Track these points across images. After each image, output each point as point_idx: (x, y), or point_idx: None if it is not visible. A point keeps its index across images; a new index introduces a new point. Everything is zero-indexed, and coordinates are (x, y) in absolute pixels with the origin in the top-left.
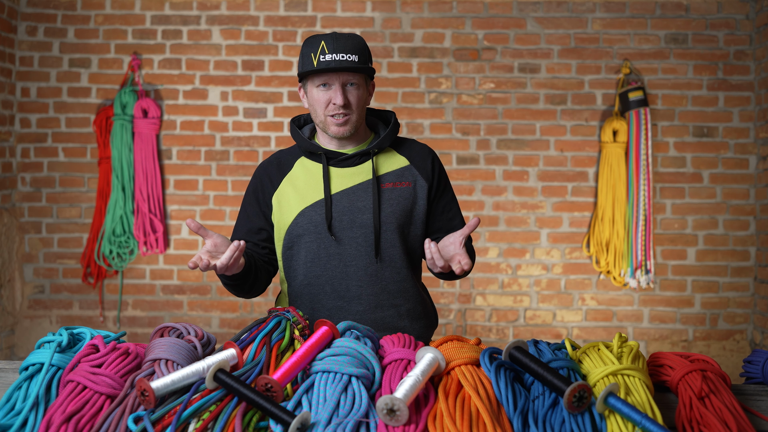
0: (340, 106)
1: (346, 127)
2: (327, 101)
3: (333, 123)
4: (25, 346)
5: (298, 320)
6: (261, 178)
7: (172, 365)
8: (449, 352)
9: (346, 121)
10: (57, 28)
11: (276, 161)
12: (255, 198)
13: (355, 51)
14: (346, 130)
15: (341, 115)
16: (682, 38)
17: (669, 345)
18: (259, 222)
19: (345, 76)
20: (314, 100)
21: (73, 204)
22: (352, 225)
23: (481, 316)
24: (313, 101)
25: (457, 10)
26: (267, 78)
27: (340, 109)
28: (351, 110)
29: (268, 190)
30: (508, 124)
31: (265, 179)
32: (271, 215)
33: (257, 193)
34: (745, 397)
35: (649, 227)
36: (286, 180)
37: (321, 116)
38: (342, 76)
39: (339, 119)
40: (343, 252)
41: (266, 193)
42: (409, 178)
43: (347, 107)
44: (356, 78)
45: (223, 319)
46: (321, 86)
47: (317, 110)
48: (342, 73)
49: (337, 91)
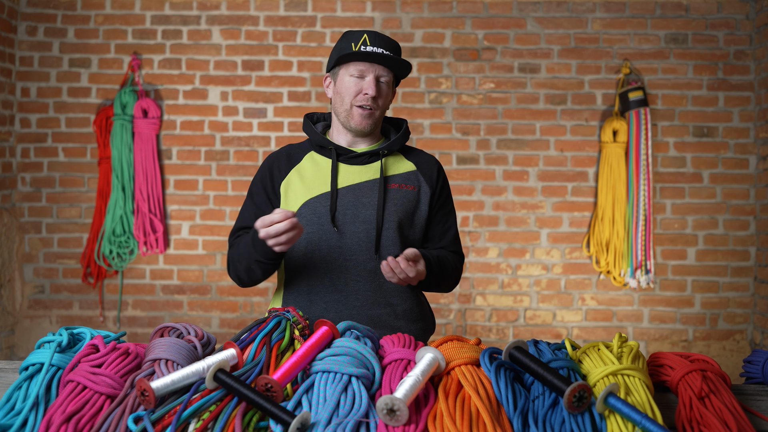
0: (372, 97)
1: (369, 120)
2: (358, 91)
3: (359, 113)
4: (25, 346)
5: (298, 320)
6: (270, 167)
7: (172, 365)
8: (449, 352)
9: (371, 114)
10: (57, 28)
11: (285, 152)
12: (263, 186)
13: (394, 50)
14: (369, 123)
15: (369, 107)
16: (682, 38)
17: (669, 345)
18: (266, 209)
19: (380, 70)
20: (345, 87)
21: (73, 204)
22: (355, 219)
23: (481, 316)
24: (343, 89)
25: (457, 10)
26: (267, 78)
27: (369, 101)
28: (378, 105)
29: (277, 178)
30: (508, 124)
31: (274, 168)
32: (279, 204)
33: (265, 182)
34: (745, 397)
35: (649, 227)
36: (294, 171)
37: (347, 104)
38: (378, 69)
39: (365, 111)
40: (343, 245)
41: (275, 181)
42: (414, 182)
43: (376, 100)
44: (388, 77)
45: (223, 319)
46: (355, 75)
47: (345, 98)
48: (378, 66)
49: (371, 82)
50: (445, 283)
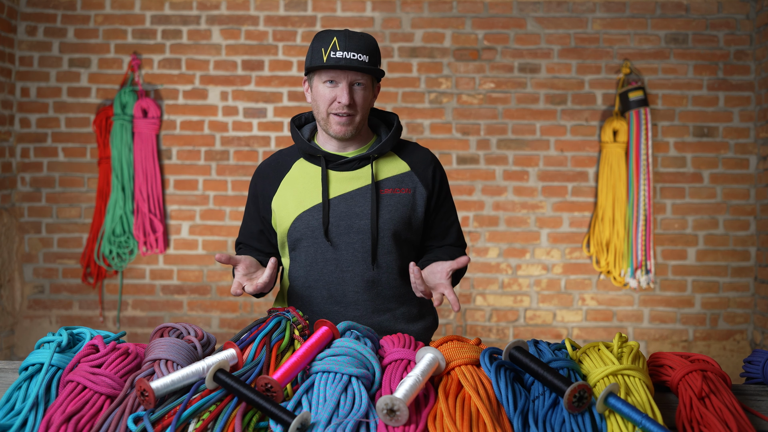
0: (345, 105)
1: (348, 127)
2: (332, 99)
3: (335, 122)
4: (24, 346)
5: (298, 320)
6: (261, 183)
7: (172, 365)
8: (449, 352)
9: (350, 121)
10: (57, 28)
11: (274, 163)
12: (255, 204)
13: (367, 51)
14: (348, 130)
15: (345, 115)
16: (682, 38)
17: (669, 345)
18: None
19: (353, 76)
20: (319, 95)
21: (73, 204)
22: (350, 230)
23: (481, 316)
24: (318, 96)
25: (457, 10)
26: (267, 78)
27: (344, 108)
28: (356, 111)
29: (268, 194)
30: (508, 124)
31: (266, 184)
32: (271, 220)
33: (256, 200)
34: (746, 397)
35: (649, 227)
36: (284, 182)
37: (323, 113)
38: (350, 75)
39: (342, 118)
40: (339, 257)
41: (266, 198)
42: (409, 184)
43: (352, 107)
44: (364, 79)
45: (223, 319)
46: (328, 82)
47: (320, 106)
48: (350, 72)
49: (343, 90)
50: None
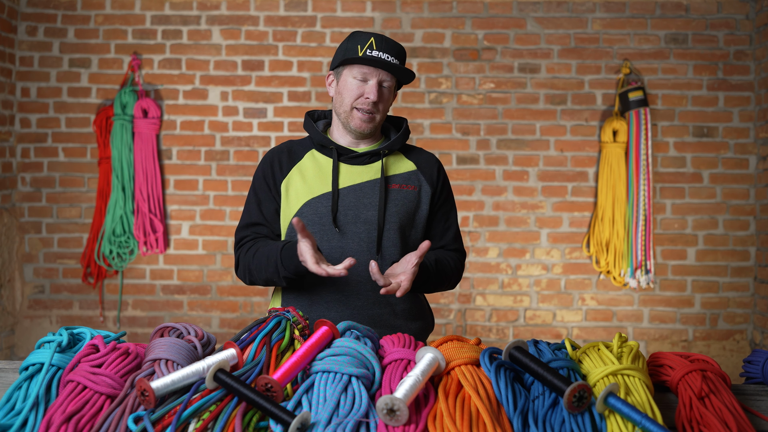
0: (372, 102)
1: (369, 124)
2: (359, 94)
3: (359, 117)
4: (25, 346)
5: (298, 320)
6: (271, 163)
7: (172, 365)
8: (449, 352)
9: (371, 119)
10: (57, 28)
11: (287, 149)
12: (265, 182)
13: (399, 57)
14: (369, 127)
15: (369, 112)
16: (682, 38)
17: (669, 345)
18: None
19: (383, 75)
20: (346, 88)
21: (73, 204)
22: (357, 220)
23: (481, 316)
24: (345, 89)
25: (457, 10)
26: (267, 78)
27: (370, 105)
28: (378, 110)
29: (278, 175)
30: (508, 124)
31: (275, 164)
32: (279, 200)
33: (267, 177)
34: (745, 397)
35: (649, 227)
36: (296, 169)
37: (348, 106)
38: (381, 74)
39: (366, 115)
40: (345, 246)
41: (276, 178)
42: (415, 182)
43: (377, 105)
44: (391, 82)
45: (223, 319)
46: (359, 78)
47: (345, 99)
48: (382, 71)
49: (373, 87)
50: (445, 284)
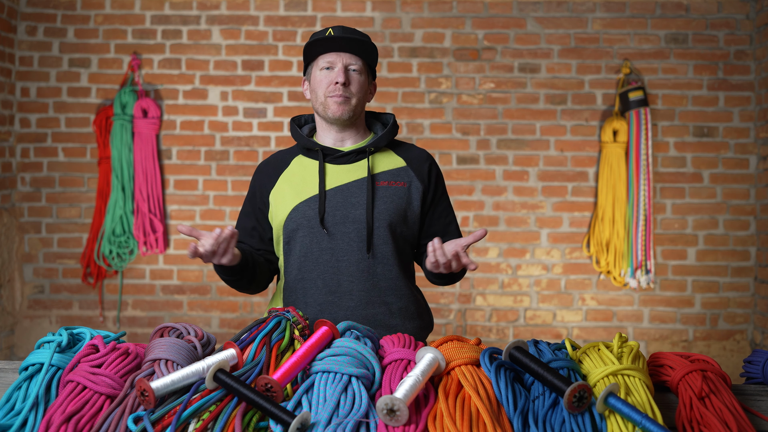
0: (342, 84)
1: (345, 107)
2: (329, 82)
3: (333, 102)
4: (24, 346)
5: (298, 320)
6: (259, 178)
7: (172, 365)
8: (449, 352)
9: (346, 101)
10: (57, 27)
11: (274, 160)
12: (251, 201)
13: (362, 36)
14: (345, 110)
15: (341, 95)
16: (682, 38)
17: (669, 345)
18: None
19: (348, 59)
20: (316, 82)
21: (73, 204)
22: (345, 220)
23: (481, 316)
24: (316, 84)
25: (457, 10)
26: (267, 78)
27: (340, 89)
28: (351, 93)
29: (266, 187)
30: (508, 124)
31: (264, 179)
32: (269, 213)
33: (254, 194)
34: (746, 397)
35: (649, 227)
36: (282, 177)
37: (321, 97)
38: (345, 58)
39: (339, 98)
40: (335, 247)
41: (263, 191)
42: (404, 178)
43: (347, 87)
44: (358, 64)
45: (223, 319)
46: (324, 69)
47: (318, 92)
48: (345, 54)
49: (339, 71)
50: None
